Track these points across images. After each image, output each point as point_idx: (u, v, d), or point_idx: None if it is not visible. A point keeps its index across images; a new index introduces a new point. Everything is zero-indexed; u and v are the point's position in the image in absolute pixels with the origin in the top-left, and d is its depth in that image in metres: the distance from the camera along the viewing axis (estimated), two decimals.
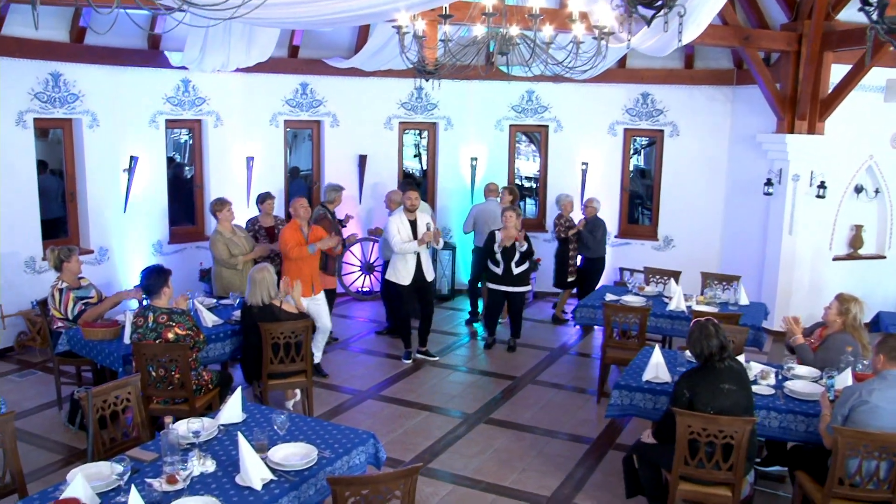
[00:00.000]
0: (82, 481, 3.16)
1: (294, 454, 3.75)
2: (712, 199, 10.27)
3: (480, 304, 9.46)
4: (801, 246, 9.21)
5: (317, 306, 7.13)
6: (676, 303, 7.13)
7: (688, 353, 5.65)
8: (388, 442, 5.94)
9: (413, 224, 7.55)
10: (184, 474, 3.37)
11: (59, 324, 6.15)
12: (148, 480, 3.39)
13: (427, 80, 7.68)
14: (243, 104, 9.52)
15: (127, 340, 5.61)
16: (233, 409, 4.20)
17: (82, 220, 8.42)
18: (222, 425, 4.11)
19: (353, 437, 4.08)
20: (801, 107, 8.70)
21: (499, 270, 8.09)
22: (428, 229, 7.49)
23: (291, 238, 6.93)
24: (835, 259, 9.55)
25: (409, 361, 7.88)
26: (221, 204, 7.39)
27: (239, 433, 3.57)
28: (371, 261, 10.46)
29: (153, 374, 5.20)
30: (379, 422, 6.36)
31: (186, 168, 9.78)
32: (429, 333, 7.99)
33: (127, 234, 8.69)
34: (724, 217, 10.25)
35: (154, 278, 5.28)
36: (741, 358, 5.18)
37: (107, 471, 3.47)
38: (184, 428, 3.88)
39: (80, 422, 5.90)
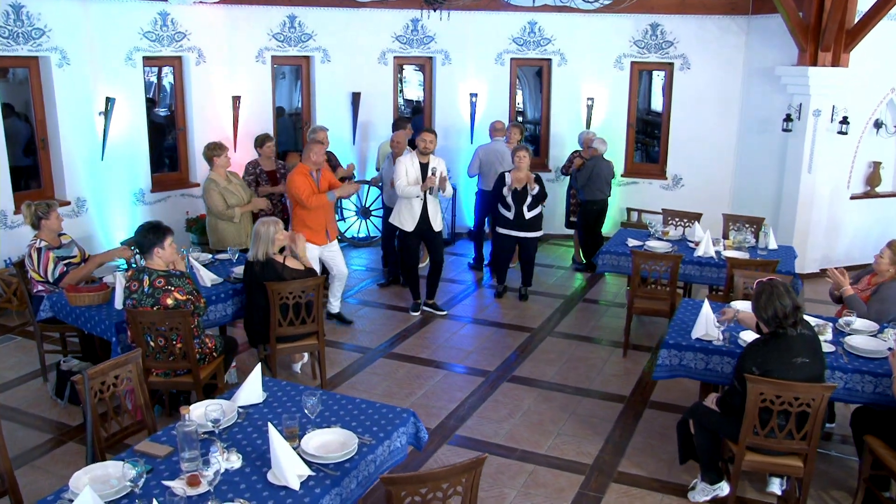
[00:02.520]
0: (91, 494, 2.66)
1: (330, 442, 3.28)
2: (724, 136, 9.77)
3: (485, 251, 9.00)
4: (819, 184, 8.81)
5: (331, 253, 6.72)
6: (704, 248, 6.68)
7: (734, 303, 5.26)
8: (409, 406, 5.48)
9: (424, 168, 6.98)
10: (209, 474, 2.88)
11: (40, 287, 5.55)
12: (166, 484, 2.89)
13: (435, 11, 7.04)
14: (227, 39, 8.72)
15: (118, 306, 5.05)
16: (252, 389, 3.69)
17: (56, 170, 7.70)
18: (241, 408, 3.61)
19: (391, 416, 3.61)
20: (827, 37, 8.13)
21: (510, 214, 7.59)
22: (433, 174, 6.93)
23: (304, 186, 6.36)
24: (852, 198, 9.17)
25: (418, 314, 7.42)
26: (220, 149, 6.71)
27: (270, 425, 3.07)
28: (367, 205, 9.87)
29: (151, 344, 4.66)
30: (395, 384, 5.92)
31: (168, 110, 9.01)
32: (437, 285, 7.51)
33: (105, 183, 8.00)
34: (736, 155, 9.78)
35: (143, 235, 4.68)
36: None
37: (115, 472, 2.97)
38: (199, 414, 3.38)
39: (69, 395, 5.37)
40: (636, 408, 5.61)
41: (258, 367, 3.76)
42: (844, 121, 8.40)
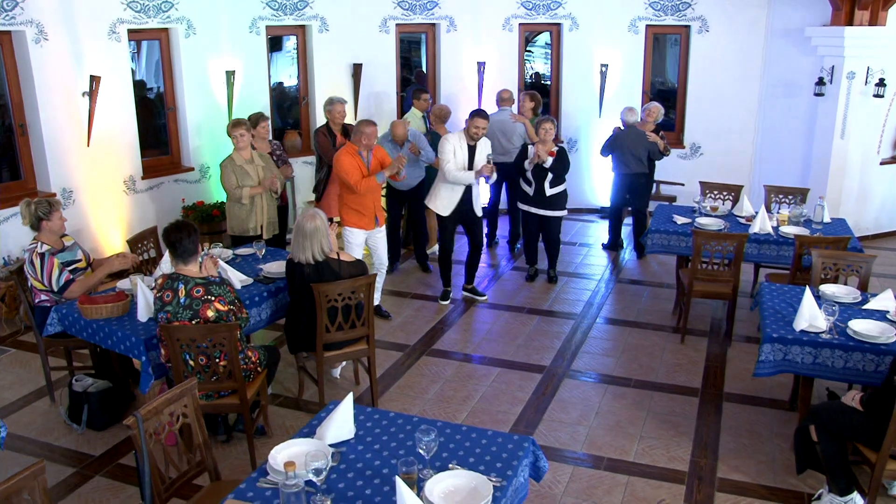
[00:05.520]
0: None
1: (458, 489, 2.73)
2: (745, 102, 9.33)
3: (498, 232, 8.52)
4: (851, 150, 8.45)
5: (375, 240, 6.15)
6: (761, 224, 6.24)
7: (824, 288, 4.83)
8: (471, 412, 4.99)
9: (472, 151, 6.38)
10: None
11: (43, 297, 4.84)
12: None
13: None
14: (218, 8, 7.90)
15: (142, 318, 4.39)
16: (342, 423, 3.10)
17: (37, 158, 6.87)
18: (332, 447, 3.02)
19: (510, 446, 3.07)
20: None
21: (530, 190, 7.06)
22: (488, 161, 6.37)
23: (352, 168, 5.77)
24: (882, 163, 8.84)
25: (447, 302, 6.87)
26: (235, 126, 6.15)
27: (398, 480, 2.50)
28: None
29: (191, 363, 4.03)
30: (447, 386, 5.38)
31: (154, 87, 8.19)
32: (476, 269, 6.96)
33: (93, 170, 7.19)
34: (758, 122, 9.35)
35: (186, 236, 4.02)
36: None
37: None
38: (284, 458, 2.79)
39: (86, 419, 4.70)
40: (713, 401, 5.17)
41: (349, 397, 3.17)
42: (881, 83, 8.01)
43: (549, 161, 6.84)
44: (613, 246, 8.44)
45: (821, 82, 8.25)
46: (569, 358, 5.81)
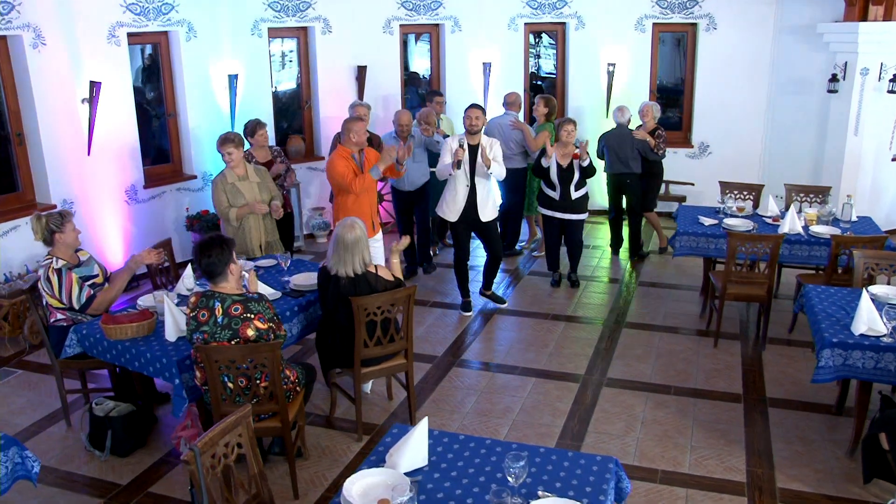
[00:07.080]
0: None
1: None
2: (753, 100, 9.22)
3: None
4: (865, 147, 8.38)
5: (374, 249, 5.80)
6: (790, 224, 6.11)
7: (875, 290, 4.70)
8: (514, 425, 4.80)
9: (473, 151, 6.18)
10: None
11: (60, 316, 4.55)
12: None
13: None
14: (219, 10, 7.65)
15: (170, 337, 4.14)
16: (416, 450, 2.88)
17: (36, 168, 6.57)
18: (409, 476, 2.81)
19: (593, 468, 2.89)
20: None
21: (555, 195, 6.88)
22: (461, 146, 6.04)
23: (345, 169, 5.54)
24: (894, 159, 8.78)
25: (470, 313, 6.65)
26: (220, 143, 5.59)
27: None
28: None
29: (230, 385, 3.79)
30: (484, 398, 5.17)
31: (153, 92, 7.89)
32: (495, 276, 6.77)
33: (94, 180, 6.91)
34: (767, 119, 9.25)
35: (217, 254, 3.77)
36: None
37: None
38: (361, 491, 2.58)
39: (110, 446, 4.42)
40: (758, 407, 5.02)
41: (424, 422, 2.95)
42: (895, 78, 7.94)
43: (587, 160, 6.69)
44: (613, 244, 8.29)
45: (834, 79, 8.16)
46: (603, 365, 5.64)
